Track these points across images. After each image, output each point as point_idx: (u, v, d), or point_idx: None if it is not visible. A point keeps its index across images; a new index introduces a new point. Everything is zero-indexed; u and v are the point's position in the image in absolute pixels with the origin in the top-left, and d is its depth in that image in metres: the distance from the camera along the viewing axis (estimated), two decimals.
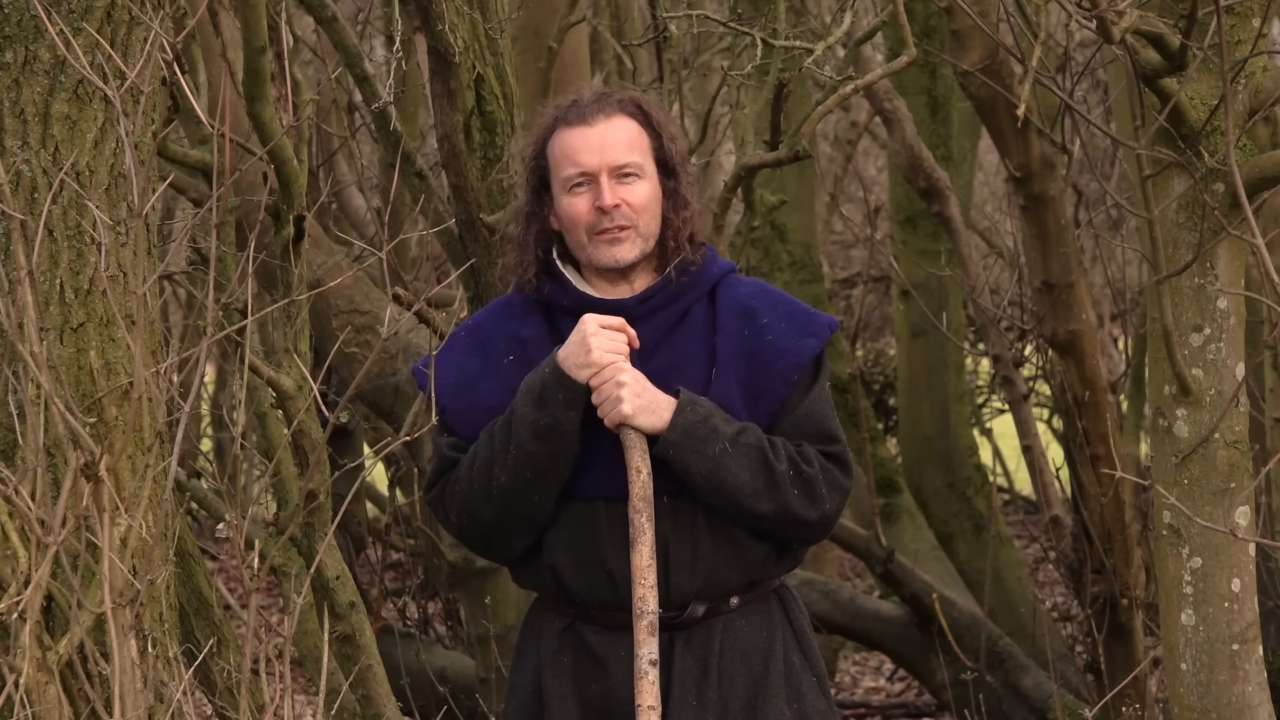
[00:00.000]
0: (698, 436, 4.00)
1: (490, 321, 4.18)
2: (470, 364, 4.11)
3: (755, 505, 4.03)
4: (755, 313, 4.11)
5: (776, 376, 4.08)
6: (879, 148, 13.62)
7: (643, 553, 3.97)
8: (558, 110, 4.12)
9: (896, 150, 8.62)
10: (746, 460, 4.01)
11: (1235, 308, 4.98)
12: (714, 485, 4.01)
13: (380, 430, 9.34)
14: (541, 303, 4.14)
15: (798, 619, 4.19)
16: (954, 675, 8.08)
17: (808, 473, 4.05)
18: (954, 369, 9.99)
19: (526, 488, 4.03)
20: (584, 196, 4.05)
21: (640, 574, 3.96)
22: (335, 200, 9.47)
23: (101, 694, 4.06)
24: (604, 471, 4.05)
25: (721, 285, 4.14)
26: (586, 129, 4.06)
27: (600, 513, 4.06)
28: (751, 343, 4.08)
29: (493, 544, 4.15)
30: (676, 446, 3.99)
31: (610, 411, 3.99)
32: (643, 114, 4.11)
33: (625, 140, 4.06)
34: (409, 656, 8.31)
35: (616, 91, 4.17)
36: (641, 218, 4.06)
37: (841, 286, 13.93)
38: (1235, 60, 4.85)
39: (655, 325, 4.08)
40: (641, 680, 3.93)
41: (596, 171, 4.04)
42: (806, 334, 4.12)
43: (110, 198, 4.24)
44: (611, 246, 4.05)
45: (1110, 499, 7.68)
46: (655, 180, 4.09)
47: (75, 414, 4.00)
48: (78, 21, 4.18)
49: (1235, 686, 4.99)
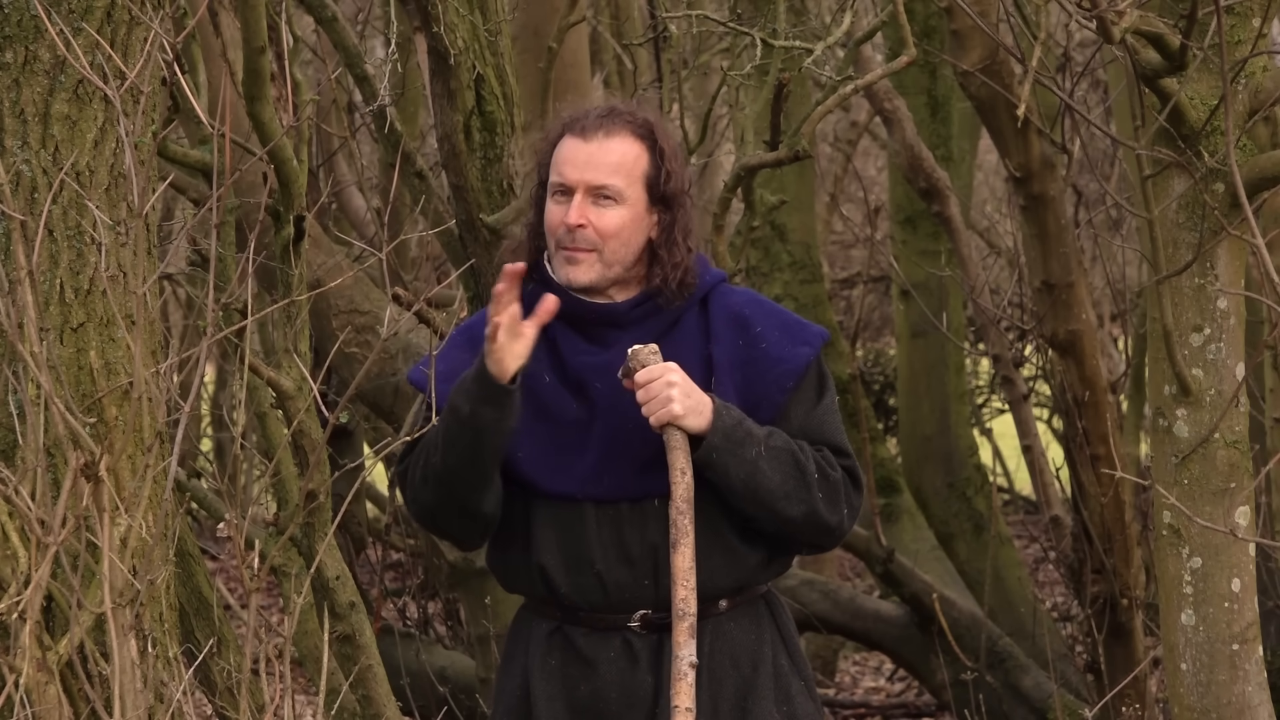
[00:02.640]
0: (736, 439, 3.97)
1: (482, 321, 4.15)
2: (462, 358, 4.08)
3: (787, 509, 4.01)
4: (748, 321, 4.09)
5: (772, 384, 4.06)
6: (879, 148, 13.62)
7: (685, 555, 3.92)
8: (571, 115, 4.09)
9: (896, 150, 8.62)
10: (779, 463, 4.00)
11: (1235, 308, 4.98)
12: (750, 489, 3.99)
13: (380, 430, 9.34)
14: (532, 302, 4.11)
15: (785, 624, 4.18)
16: (954, 675, 8.08)
17: (833, 477, 4.05)
18: (954, 369, 9.99)
19: (453, 475, 4.00)
20: (560, 207, 4.02)
21: (682, 576, 3.92)
22: (335, 200, 9.47)
23: (101, 694, 4.06)
24: (593, 472, 4.03)
25: (713, 294, 4.12)
26: (581, 142, 4.02)
27: (589, 514, 4.04)
28: (746, 351, 4.06)
29: (437, 526, 4.14)
30: (719, 450, 3.97)
31: (659, 411, 3.94)
32: (651, 139, 4.04)
33: (613, 162, 4.01)
34: (409, 656, 8.30)
35: (635, 110, 4.10)
36: (608, 244, 4.00)
37: (841, 286, 13.92)
38: (1235, 60, 4.85)
39: (646, 331, 4.05)
40: (680, 682, 3.88)
41: (574, 186, 4.00)
42: (799, 342, 4.10)
43: (110, 198, 4.24)
44: (568, 265, 4.02)
45: (1110, 499, 7.68)
46: (639, 208, 4.02)
47: (75, 414, 4.00)
48: (78, 21, 4.18)
49: (1235, 686, 5.00)
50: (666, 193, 4.04)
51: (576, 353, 4.07)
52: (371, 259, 7.36)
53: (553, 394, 4.07)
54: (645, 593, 4.04)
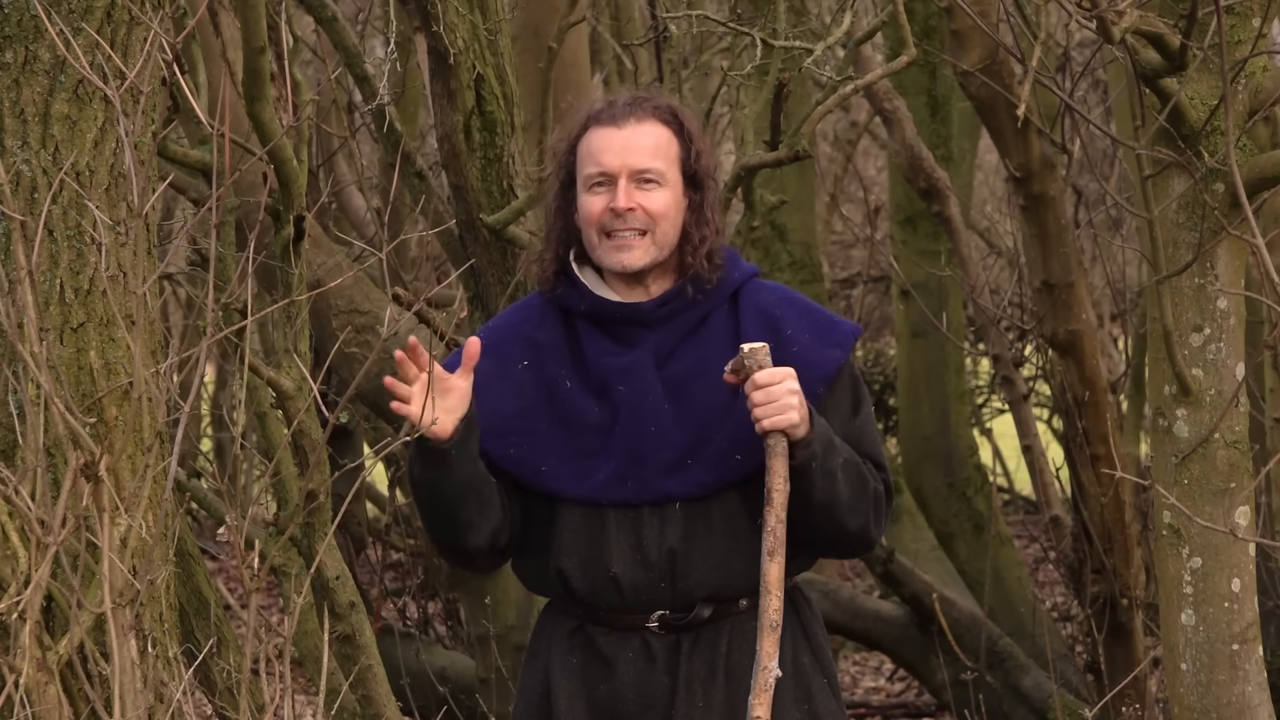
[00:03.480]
0: (828, 449, 3.95)
1: (506, 326, 4.16)
2: (484, 366, 4.03)
3: (849, 521, 4.01)
4: (780, 323, 4.07)
5: (803, 388, 3.98)
6: (879, 148, 13.62)
7: (780, 564, 3.88)
8: (592, 108, 4.09)
9: (896, 150, 8.62)
10: (851, 476, 3.99)
11: (1235, 308, 4.98)
12: (827, 500, 3.96)
13: (380, 430, 9.34)
14: (558, 305, 4.10)
15: (809, 621, 4.17)
16: (954, 675, 8.08)
17: (878, 492, 4.05)
18: (954, 369, 10.00)
19: (431, 524, 4.07)
20: (601, 196, 4.01)
21: (775, 586, 3.88)
22: (335, 200, 9.47)
23: (101, 694, 4.06)
24: (615, 477, 4.02)
25: (744, 290, 4.11)
26: (615, 130, 4.02)
27: (610, 519, 4.03)
28: (776, 355, 3.99)
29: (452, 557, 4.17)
30: (818, 459, 3.94)
31: (777, 416, 3.89)
32: (677, 123, 4.06)
33: (651, 146, 4.02)
34: (409, 656, 8.30)
35: (655, 97, 4.12)
36: (659, 225, 4.01)
37: (841, 286, 13.93)
38: (1235, 60, 4.85)
39: (673, 330, 4.04)
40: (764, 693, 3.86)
41: (617, 173, 4.00)
42: (831, 344, 4.08)
43: (110, 198, 4.23)
44: (620, 251, 4.01)
45: (1110, 499, 7.68)
46: (678, 190, 4.04)
47: (75, 414, 4.00)
48: (78, 21, 4.18)
49: (1235, 686, 5.00)
50: (697, 172, 4.06)
51: (601, 354, 4.05)
52: (371, 259, 7.36)
53: (574, 398, 4.05)
54: (662, 594, 4.03)
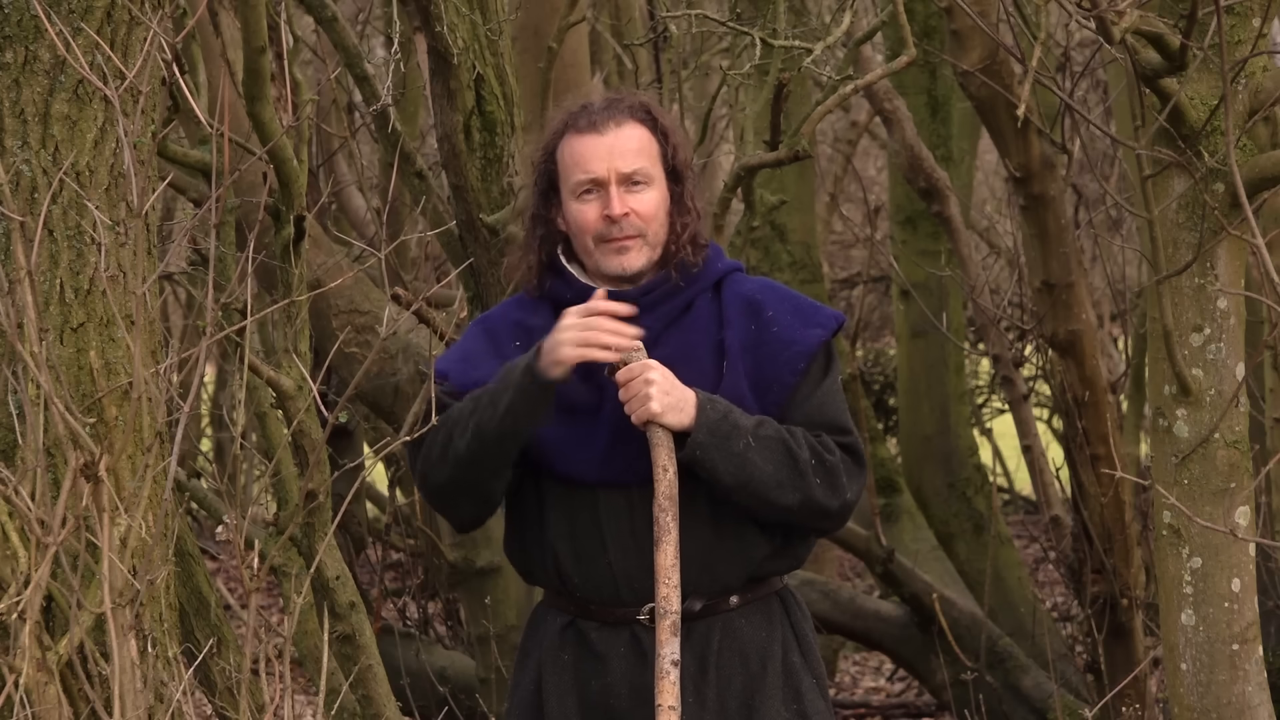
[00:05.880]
0: (721, 434, 4.00)
1: (500, 313, 4.25)
2: (478, 346, 4.16)
3: (780, 498, 4.03)
4: (760, 306, 4.14)
5: (783, 366, 4.09)
6: (879, 148, 13.61)
7: (667, 552, 3.96)
8: (568, 115, 4.13)
9: (896, 150, 8.62)
10: (769, 453, 4.02)
11: (1235, 308, 4.97)
12: (741, 482, 4.01)
13: (380, 430, 9.35)
14: (547, 298, 4.16)
15: (799, 621, 4.20)
16: (954, 675, 8.08)
17: (830, 461, 4.07)
18: (954, 369, 9.99)
19: (476, 459, 4.05)
20: (593, 204, 4.07)
21: (664, 573, 3.95)
22: (335, 200, 9.47)
23: (101, 694, 4.06)
24: (604, 455, 4.07)
25: (727, 280, 4.17)
26: (598, 137, 4.07)
27: (600, 499, 4.08)
28: (758, 335, 4.10)
29: (444, 503, 4.18)
30: (704, 447, 3.99)
31: (638, 409, 3.99)
32: (652, 120, 4.12)
33: (635, 148, 4.08)
34: (409, 656, 8.31)
35: (627, 97, 4.17)
36: (650, 226, 4.08)
37: (841, 286, 13.92)
38: (1235, 60, 4.85)
39: (658, 316, 4.10)
40: (663, 680, 3.92)
41: (605, 179, 4.06)
42: (812, 325, 4.14)
43: (110, 198, 4.24)
44: (619, 255, 4.08)
45: (1110, 499, 7.68)
46: (663, 186, 4.11)
47: (75, 414, 4.00)
48: (78, 21, 4.18)
49: (1235, 686, 4.99)
50: (675, 165, 4.12)
51: None
52: (371, 259, 7.36)
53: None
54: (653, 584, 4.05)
